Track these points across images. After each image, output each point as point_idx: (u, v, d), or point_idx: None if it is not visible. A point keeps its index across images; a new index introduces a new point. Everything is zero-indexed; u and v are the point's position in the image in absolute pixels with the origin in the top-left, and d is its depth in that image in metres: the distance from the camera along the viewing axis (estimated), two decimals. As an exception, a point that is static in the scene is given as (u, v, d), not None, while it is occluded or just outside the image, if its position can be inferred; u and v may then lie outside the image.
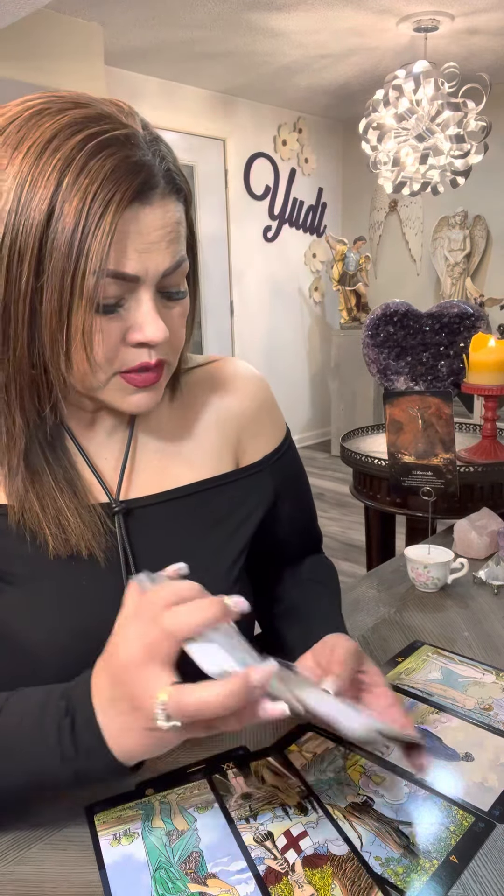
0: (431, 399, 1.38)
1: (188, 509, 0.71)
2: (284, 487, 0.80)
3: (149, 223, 0.56)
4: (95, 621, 0.63)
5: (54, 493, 0.63)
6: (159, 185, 0.56)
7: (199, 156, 4.35)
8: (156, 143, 0.58)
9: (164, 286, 0.60)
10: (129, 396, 0.62)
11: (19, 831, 0.58)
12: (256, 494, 0.76)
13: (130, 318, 0.58)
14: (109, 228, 0.53)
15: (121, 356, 0.60)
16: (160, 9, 3.01)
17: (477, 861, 0.54)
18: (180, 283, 0.62)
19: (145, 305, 0.58)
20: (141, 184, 0.54)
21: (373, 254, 5.20)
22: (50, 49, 2.95)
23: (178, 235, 0.59)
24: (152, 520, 0.69)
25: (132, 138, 0.55)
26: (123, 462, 0.69)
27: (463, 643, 0.89)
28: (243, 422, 0.77)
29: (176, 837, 0.57)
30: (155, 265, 0.57)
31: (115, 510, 0.67)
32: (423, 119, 3.01)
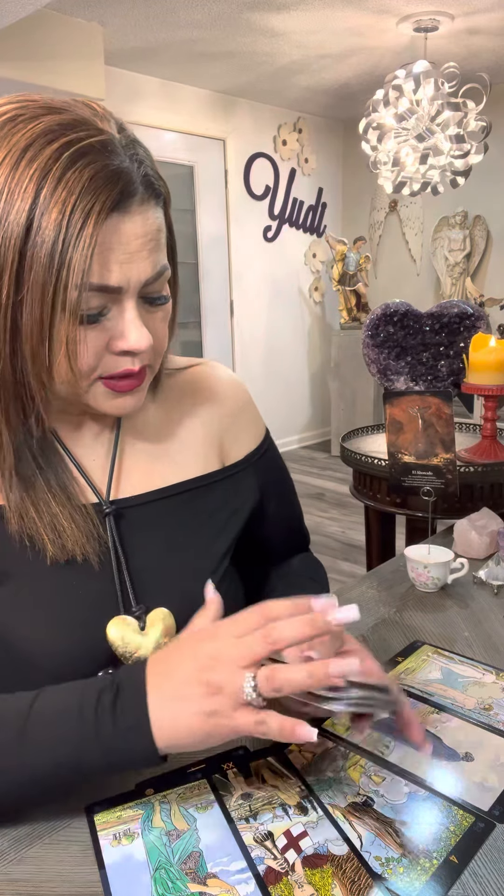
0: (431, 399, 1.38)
1: (176, 508, 0.72)
2: (268, 485, 0.82)
3: (129, 233, 0.55)
4: (89, 623, 0.64)
5: (48, 497, 0.64)
6: (138, 192, 0.56)
7: (199, 156, 4.35)
8: (132, 146, 0.58)
9: (146, 293, 0.60)
10: (113, 400, 0.63)
11: (19, 831, 0.58)
12: (242, 493, 0.77)
13: (114, 327, 0.58)
14: (90, 241, 0.52)
15: (104, 363, 0.60)
16: (160, 9, 3.01)
17: (477, 861, 0.54)
18: (162, 289, 0.61)
19: (128, 314, 0.58)
20: (120, 193, 0.54)
21: (373, 254, 5.20)
22: (50, 49, 2.95)
23: (158, 244, 0.59)
24: (141, 519, 0.70)
25: (109, 145, 0.55)
26: (111, 463, 0.70)
27: (463, 643, 0.89)
28: (225, 423, 0.78)
29: (176, 837, 0.57)
30: (137, 275, 0.57)
31: (107, 511, 0.67)
32: (423, 119, 3.01)
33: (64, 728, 0.53)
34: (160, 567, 0.69)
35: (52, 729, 0.53)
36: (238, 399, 0.81)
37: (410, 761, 0.65)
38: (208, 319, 4.62)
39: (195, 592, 0.67)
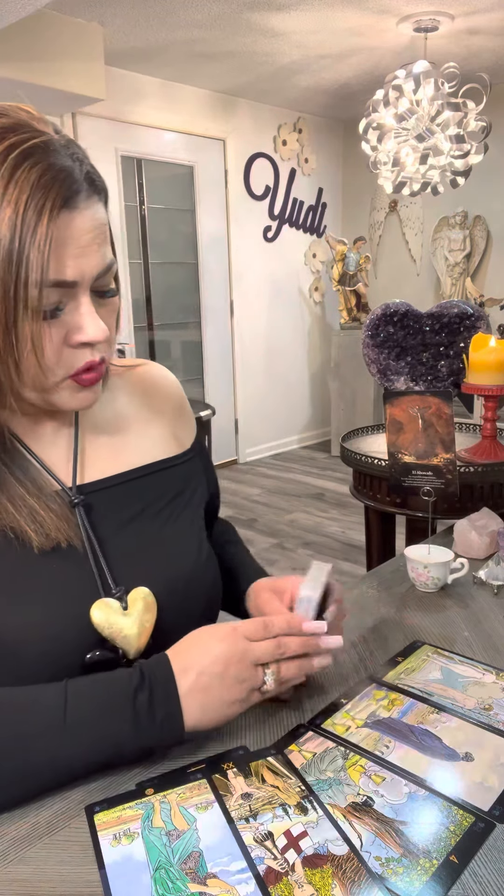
0: (431, 399, 1.38)
1: (143, 490, 0.76)
2: (207, 468, 0.90)
3: (79, 228, 0.57)
4: (74, 608, 0.67)
5: (21, 492, 0.66)
6: (83, 188, 0.58)
7: (199, 156, 4.35)
8: (70, 146, 0.60)
9: (96, 287, 0.62)
10: (77, 394, 0.65)
11: (19, 831, 0.58)
12: (197, 475, 0.84)
13: (70, 321, 0.60)
14: (46, 237, 0.54)
15: (64, 359, 0.62)
16: (160, 9, 3.01)
17: (477, 861, 0.54)
18: (111, 282, 0.64)
19: (84, 307, 0.60)
20: (67, 190, 0.56)
21: (373, 254, 5.20)
22: (50, 49, 2.95)
23: (105, 237, 0.61)
24: (111, 503, 0.73)
25: (50, 145, 0.57)
26: (74, 455, 0.73)
27: (463, 643, 0.89)
28: (172, 415, 0.84)
29: (176, 837, 0.57)
30: (90, 268, 0.59)
31: (75, 501, 0.70)
32: (423, 119, 3.01)
33: (104, 730, 0.60)
34: (135, 547, 0.72)
35: (93, 731, 0.60)
36: (179, 396, 0.88)
37: (410, 761, 0.65)
38: (208, 319, 4.62)
39: (170, 568, 0.74)
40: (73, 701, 0.59)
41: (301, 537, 3.46)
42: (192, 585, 0.76)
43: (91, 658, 0.65)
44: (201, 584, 0.77)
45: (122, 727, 0.60)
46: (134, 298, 4.16)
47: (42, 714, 0.59)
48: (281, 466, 4.78)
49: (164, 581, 0.72)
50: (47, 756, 0.58)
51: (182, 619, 0.73)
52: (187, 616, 0.74)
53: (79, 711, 0.59)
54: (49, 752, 0.58)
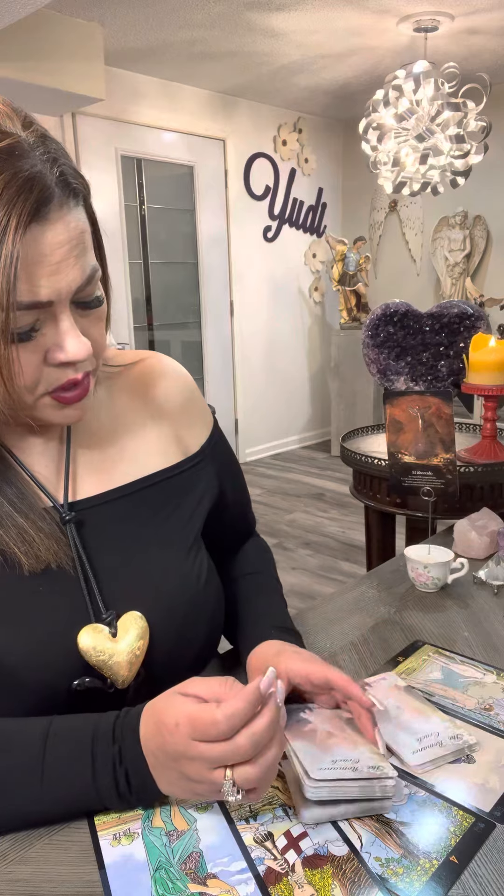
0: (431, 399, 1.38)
1: (139, 506, 0.70)
2: (223, 472, 0.81)
3: (52, 243, 0.53)
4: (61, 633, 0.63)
5: (9, 510, 0.62)
6: (55, 196, 0.52)
7: (199, 156, 4.35)
8: (43, 143, 0.54)
9: (79, 298, 0.57)
10: (60, 411, 0.61)
11: (19, 831, 0.58)
12: (202, 483, 0.77)
13: (48, 340, 0.56)
14: (12, 259, 0.50)
15: (45, 377, 0.58)
16: (160, 9, 3.01)
17: (477, 861, 0.54)
18: (95, 290, 0.59)
19: (64, 325, 0.56)
20: (36, 201, 0.51)
21: (373, 254, 5.20)
22: (50, 49, 2.95)
23: (84, 247, 0.56)
24: (104, 521, 0.68)
25: (16, 148, 0.51)
26: (66, 470, 0.68)
27: (463, 643, 0.89)
28: (175, 415, 0.77)
29: (176, 837, 0.57)
30: (67, 284, 0.54)
31: (66, 519, 0.65)
32: (423, 119, 3.01)
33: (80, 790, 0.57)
34: (128, 568, 0.68)
35: (71, 789, 0.57)
36: (186, 391, 0.80)
37: (410, 761, 0.65)
38: (208, 319, 4.62)
39: (165, 590, 0.68)
40: (52, 754, 0.57)
41: (301, 537, 3.46)
42: (191, 611, 0.70)
43: (78, 686, 0.62)
44: (201, 610, 0.71)
45: (98, 793, 0.57)
46: (134, 298, 4.16)
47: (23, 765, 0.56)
48: (281, 466, 4.78)
49: (160, 606, 0.67)
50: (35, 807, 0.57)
51: (180, 647, 0.69)
52: (186, 644, 0.70)
53: (57, 768, 0.56)
54: (31, 802, 0.56)
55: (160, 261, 4.29)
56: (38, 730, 0.58)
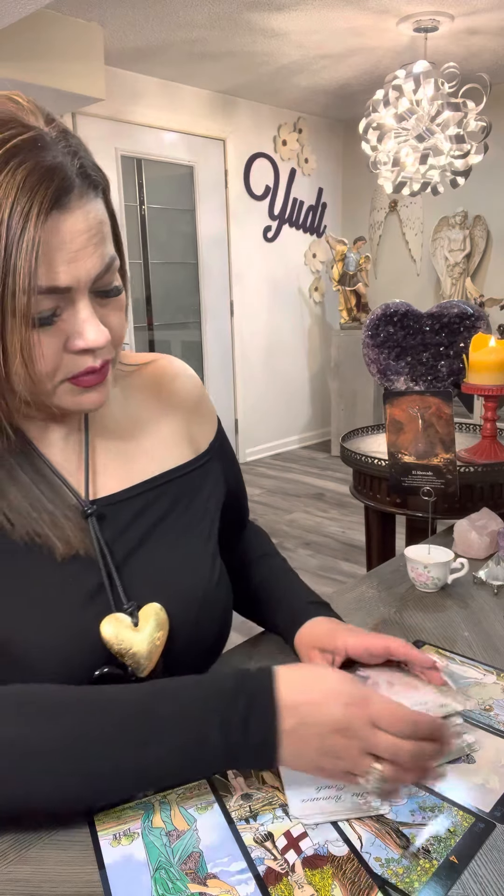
0: (431, 399, 1.38)
1: (157, 501, 0.73)
2: (227, 470, 0.85)
3: (72, 230, 0.54)
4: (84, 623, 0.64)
5: (40, 496, 0.64)
6: (75, 186, 0.54)
7: (199, 156, 4.35)
8: (64, 137, 0.56)
9: (98, 287, 0.59)
10: (79, 397, 0.62)
11: (19, 831, 0.58)
12: (211, 480, 0.80)
13: (69, 327, 0.58)
14: (33, 243, 0.51)
15: (65, 364, 0.59)
16: (160, 9, 3.01)
17: (477, 861, 0.54)
18: (114, 280, 0.60)
19: (83, 312, 0.57)
20: (56, 190, 0.52)
21: (373, 254, 5.20)
22: (50, 49, 2.95)
23: (103, 236, 0.57)
24: (124, 516, 0.70)
25: (39, 140, 0.53)
26: (86, 464, 0.70)
27: (463, 643, 0.89)
28: (187, 414, 0.80)
29: (176, 837, 0.57)
30: (86, 272, 0.56)
31: (88, 512, 0.67)
32: (423, 119, 3.01)
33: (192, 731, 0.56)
34: (148, 561, 0.70)
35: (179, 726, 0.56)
36: (196, 391, 0.83)
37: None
38: (208, 319, 4.62)
39: (184, 584, 0.70)
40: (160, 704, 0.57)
41: (301, 537, 3.46)
42: (205, 607, 0.72)
43: (100, 674, 0.63)
44: (214, 606, 0.73)
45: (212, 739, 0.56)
46: (134, 298, 4.16)
47: (120, 714, 0.56)
48: (281, 466, 4.78)
49: (178, 599, 0.69)
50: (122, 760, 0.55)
51: (196, 640, 0.71)
52: (201, 637, 0.72)
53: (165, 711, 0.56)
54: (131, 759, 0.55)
55: (160, 261, 4.29)
56: (139, 689, 0.58)
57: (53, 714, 0.56)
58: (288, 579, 0.87)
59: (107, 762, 0.55)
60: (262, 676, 0.58)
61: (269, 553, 0.92)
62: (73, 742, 0.55)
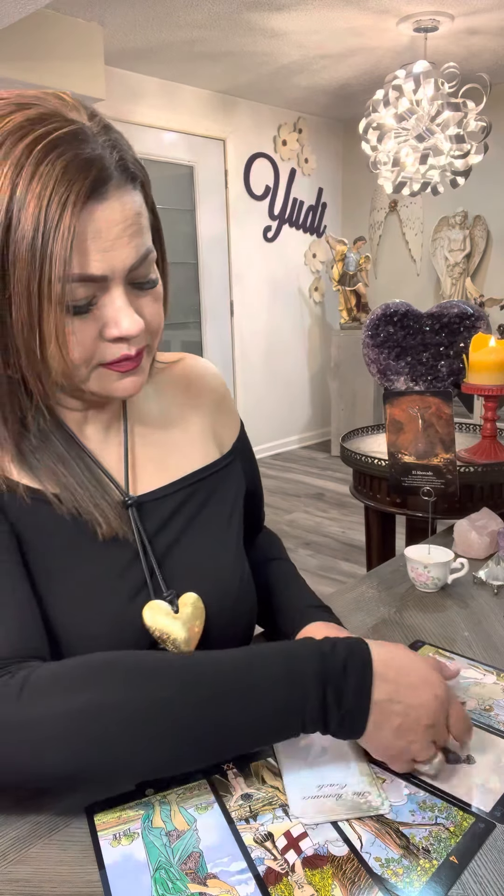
0: (431, 399, 1.38)
1: (191, 498, 0.75)
2: (248, 469, 0.87)
3: (108, 220, 0.55)
4: (126, 608, 0.66)
5: (85, 481, 0.66)
6: (112, 177, 0.56)
7: (199, 156, 4.35)
8: (105, 132, 0.57)
9: (133, 278, 0.60)
10: (115, 383, 0.63)
11: (19, 831, 0.58)
12: (237, 479, 0.82)
13: (104, 315, 0.59)
14: (69, 231, 0.53)
15: (100, 351, 0.60)
16: (160, 9, 3.01)
17: (477, 861, 0.54)
18: (150, 273, 0.61)
19: (118, 301, 0.58)
20: (94, 180, 0.54)
21: (373, 254, 5.20)
22: (50, 49, 2.95)
23: (139, 228, 0.58)
24: (160, 510, 0.72)
25: (80, 133, 0.55)
26: (125, 456, 0.72)
27: (463, 643, 0.89)
28: (214, 412, 0.82)
29: (176, 837, 0.57)
30: (121, 262, 0.57)
31: (129, 503, 0.69)
32: (423, 119, 3.01)
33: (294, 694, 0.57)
34: (183, 554, 0.72)
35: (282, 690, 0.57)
36: (221, 389, 0.85)
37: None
38: (208, 319, 4.62)
39: (220, 577, 0.73)
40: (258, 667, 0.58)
41: (301, 537, 3.46)
42: (238, 601, 0.74)
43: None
44: (245, 600, 0.76)
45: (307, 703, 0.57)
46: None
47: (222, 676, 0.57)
48: (281, 466, 4.78)
49: (213, 593, 0.71)
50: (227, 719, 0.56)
51: (229, 632, 0.73)
52: (231, 633, 0.74)
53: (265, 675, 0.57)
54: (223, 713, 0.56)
55: (160, 261, 4.28)
56: (232, 653, 0.59)
57: (157, 677, 0.56)
58: (294, 584, 0.87)
59: (210, 722, 0.56)
60: (358, 646, 0.60)
61: (279, 557, 0.93)
62: (179, 704, 0.55)
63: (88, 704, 0.53)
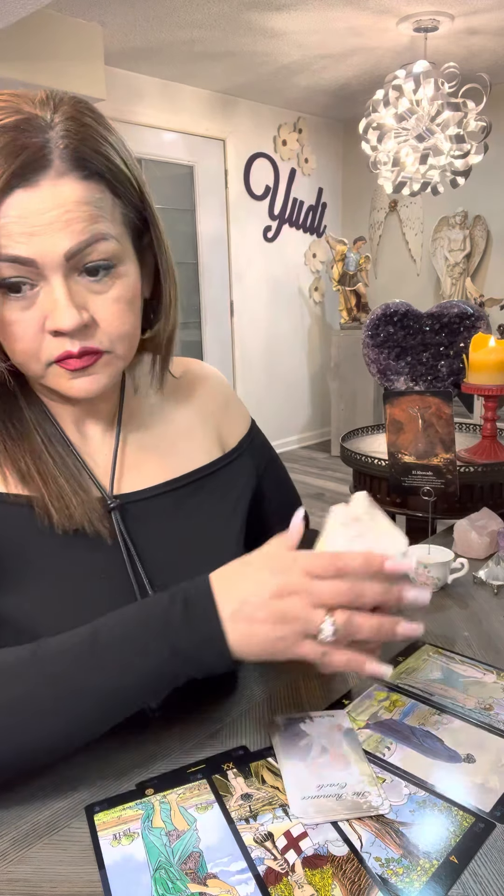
0: (431, 399, 1.38)
1: (185, 499, 0.74)
2: (262, 468, 0.85)
3: (34, 206, 0.55)
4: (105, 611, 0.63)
5: (55, 473, 0.65)
6: (50, 165, 0.55)
7: (199, 156, 4.35)
8: (68, 123, 0.57)
9: (77, 264, 0.58)
10: (70, 382, 0.62)
11: (19, 831, 0.58)
12: (242, 476, 0.81)
13: (44, 307, 0.58)
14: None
15: (46, 346, 0.60)
16: (160, 9, 3.01)
17: (477, 861, 0.54)
18: (109, 258, 0.59)
19: (56, 292, 0.58)
20: (21, 166, 0.54)
21: (373, 254, 5.20)
22: (50, 49, 2.95)
23: (81, 216, 0.57)
24: (150, 513, 0.71)
25: (23, 123, 0.55)
26: (114, 458, 0.71)
27: (463, 643, 0.89)
28: (217, 414, 0.82)
29: (176, 837, 0.57)
30: (52, 246, 0.56)
31: (111, 506, 0.68)
32: (423, 119, 3.01)
33: (137, 642, 0.56)
34: (172, 560, 0.71)
35: (125, 644, 0.56)
36: (225, 390, 0.86)
37: (411, 763, 0.65)
38: (208, 319, 4.62)
39: None
40: (103, 628, 0.57)
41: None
42: None
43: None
44: None
45: (157, 643, 0.56)
46: (134, 298, 4.16)
47: (71, 642, 0.57)
48: (281, 466, 4.77)
49: None
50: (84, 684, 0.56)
51: None
52: None
53: (109, 635, 0.57)
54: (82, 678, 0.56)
55: (160, 261, 4.28)
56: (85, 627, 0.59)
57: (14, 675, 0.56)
58: None
59: (79, 697, 0.56)
60: (196, 580, 0.59)
61: None
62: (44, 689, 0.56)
63: None
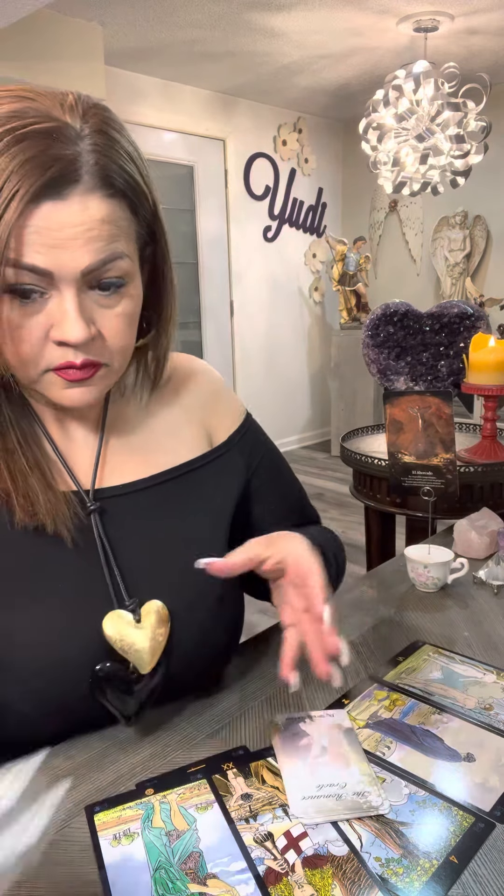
0: (431, 399, 1.38)
1: (166, 496, 0.73)
2: (255, 464, 0.83)
3: (60, 219, 0.55)
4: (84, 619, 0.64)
5: (26, 471, 0.64)
6: (80, 180, 0.55)
7: (199, 156, 4.35)
8: (96, 137, 0.56)
9: (90, 281, 0.58)
10: (63, 391, 0.62)
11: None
12: (230, 472, 0.79)
13: (53, 315, 0.58)
14: (10, 223, 0.53)
15: (47, 353, 0.60)
16: (160, 9, 3.01)
17: (477, 861, 0.54)
18: (122, 276, 0.59)
19: (66, 304, 0.57)
20: (52, 178, 0.53)
21: (373, 254, 5.20)
22: (50, 49, 2.95)
23: (103, 234, 0.57)
24: (129, 511, 0.70)
25: (55, 131, 0.54)
26: (97, 457, 0.71)
27: (463, 643, 0.89)
28: (206, 408, 0.80)
29: (176, 837, 0.57)
30: (71, 261, 0.56)
31: (91, 508, 0.67)
32: (423, 119, 3.01)
33: None
34: (151, 558, 0.70)
35: None
36: (214, 384, 0.83)
37: (411, 762, 0.65)
38: (208, 319, 4.62)
39: (187, 582, 0.69)
40: None
41: (301, 537, 3.46)
42: (211, 606, 0.71)
43: (100, 671, 0.63)
44: (220, 605, 0.72)
45: None
46: (134, 298, 4.16)
47: None
48: (281, 466, 4.77)
49: (180, 598, 0.68)
50: None
51: (201, 642, 0.70)
52: (207, 640, 0.71)
53: None
54: None
55: (160, 261, 4.28)
56: None
57: None
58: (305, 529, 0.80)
59: None
60: None
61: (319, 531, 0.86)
62: None
63: None
